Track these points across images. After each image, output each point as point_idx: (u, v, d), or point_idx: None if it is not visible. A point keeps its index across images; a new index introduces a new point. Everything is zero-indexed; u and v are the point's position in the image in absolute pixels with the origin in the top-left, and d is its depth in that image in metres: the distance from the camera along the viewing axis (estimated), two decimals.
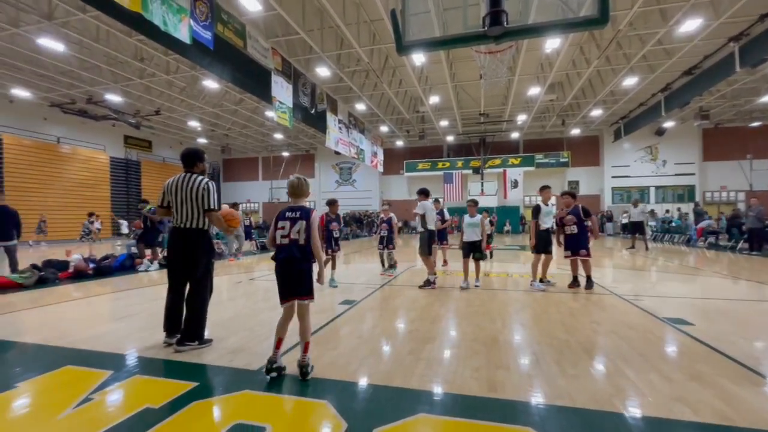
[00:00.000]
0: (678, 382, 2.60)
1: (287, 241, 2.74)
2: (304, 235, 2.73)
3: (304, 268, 2.73)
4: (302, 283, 2.71)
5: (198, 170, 3.51)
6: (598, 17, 2.95)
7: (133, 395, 2.48)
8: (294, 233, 2.73)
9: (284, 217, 2.80)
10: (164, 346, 3.39)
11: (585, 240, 5.97)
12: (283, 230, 2.77)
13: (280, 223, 2.79)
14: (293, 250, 2.72)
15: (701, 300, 5.29)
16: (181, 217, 3.37)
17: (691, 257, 10.80)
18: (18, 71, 14.16)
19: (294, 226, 2.75)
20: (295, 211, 2.79)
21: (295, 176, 2.96)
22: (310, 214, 2.79)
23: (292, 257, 2.72)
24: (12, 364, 3.11)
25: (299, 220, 2.75)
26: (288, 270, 2.73)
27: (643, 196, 23.75)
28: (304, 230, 2.74)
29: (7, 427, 2.13)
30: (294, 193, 2.93)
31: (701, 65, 13.87)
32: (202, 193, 3.34)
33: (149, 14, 6.36)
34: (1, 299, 5.53)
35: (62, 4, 9.92)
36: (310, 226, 2.75)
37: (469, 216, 6.18)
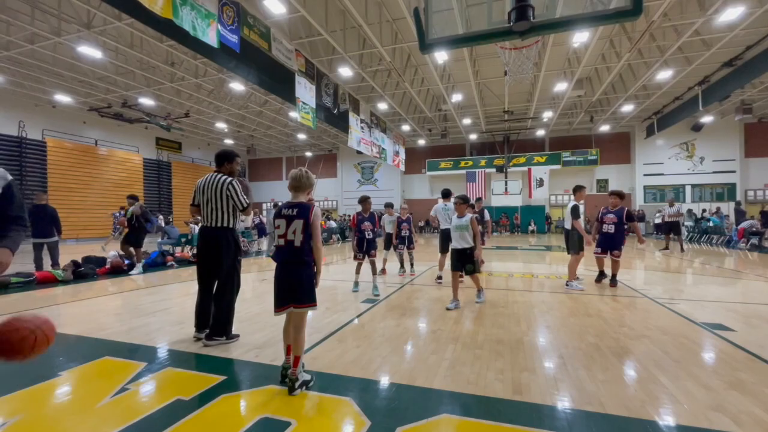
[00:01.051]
0: (717, 390, 2.47)
1: (283, 242, 2.51)
2: (300, 236, 2.47)
3: (302, 273, 2.49)
4: (299, 288, 2.49)
5: (225, 170, 3.58)
6: (630, 8, 2.83)
7: (166, 387, 2.58)
8: (290, 233, 2.48)
9: (280, 215, 2.55)
10: (194, 340, 3.52)
11: (620, 241, 6.05)
12: (279, 230, 2.53)
13: (276, 221, 2.55)
14: (289, 252, 2.49)
15: (742, 305, 4.99)
16: (206, 217, 3.49)
17: (731, 259, 10.21)
18: (60, 78, 15.02)
19: (290, 225, 2.49)
20: (292, 208, 2.53)
21: (299, 168, 2.69)
22: (310, 211, 2.51)
23: (288, 261, 2.51)
24: (55, 354, 3.30)
25: (296, 219, 2.49)
26: (284, 275, 2.51)
27: (678, 194, 22.63)
28: (302, 230, 2.48)
29: (52, 413, 2.27)
30: (294, 186, 2.64)
31: (743, 56, 13.06)
32: (227, 193, 3.42)
33: (179, 20, 6.60)
34: (44, 293, 5.89)
35: (100, 13, 10.45)
36: (309, 225, 2.49)
37: (457, 216, 4.92)
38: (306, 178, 2.64)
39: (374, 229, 5.92)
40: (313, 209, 2.53)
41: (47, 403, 2.39)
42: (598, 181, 24.37)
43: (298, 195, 2.63)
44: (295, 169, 2.65)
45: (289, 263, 2.51)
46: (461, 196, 4.99)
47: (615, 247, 6.04)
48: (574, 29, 9.87)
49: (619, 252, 6.02)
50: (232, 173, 3.62)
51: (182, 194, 24.64)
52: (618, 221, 6.08)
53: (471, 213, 5.08)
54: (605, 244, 6.16)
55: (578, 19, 3.16)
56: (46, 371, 2.83)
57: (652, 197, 23.20)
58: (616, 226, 6.09)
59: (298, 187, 2.63)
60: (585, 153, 23.91)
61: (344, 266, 9.27)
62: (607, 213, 6.25)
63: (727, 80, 13.95)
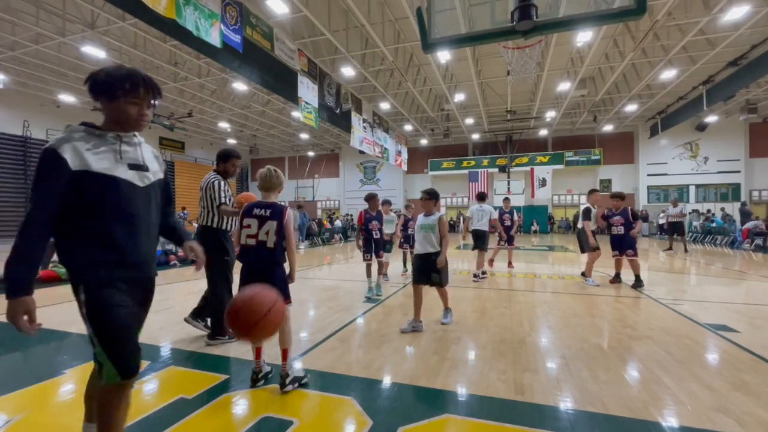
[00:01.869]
0: (720, 391, 2.46)
1: (254, 242, 2.46)
2: (274, 238, 2.43)
3: (275, 273, 2.48)
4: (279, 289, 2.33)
5: (220, 169, 3.57)
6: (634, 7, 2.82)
7: (168, 385, 2.59)
8: (262, 234, 2.44)
9: (251, 214, 2.49)
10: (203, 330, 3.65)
11: (631, 241, 6.12)
12: (249, 229, 2.48)
13: (246, 221, 2.49)
14: (261, 253, 2.46)
15: (747, 306, 4.96)
16: (198, 215, 3.55)
17: (735, 260, 10.15)
18: (64, 78, 15.10)
19: (263, 226, 2.45)
20: (265, 209, 2.48)
21: (267, 167, 2.64)
22: (284, 213, 2.48)
23: (260, 261, 2.47)
24: (60, 352, 3.33)
25: (269, 220, 2.45)
26: (257, 276, 2.44)
27: (682, 195, 22.50)
28: (275, 232, 2.43)
29: (55, 411, 2.28)
30: (263, 185, 2.61)
31: (748, 55, 12.96)
32: (208, 191, 3.40)
33: (183, 20, 6.62)
34: (50, 291, 5.93)
35: (104, 13, 10.50)
36: (283, 227, 2.46)
37: (424, 215, 4.08)
38: (276, 177, 2.62)
39: (381, 228, 5.69)
40: (287, 211, 2.51)
41: (50, 401, 2.41)
42: (602, 181, 24.26)
43: (268, 195, 2.61)
44: (264, 169, 2.61)
45: (262, 264, 2.48)
46: (428, 190, 4.05)
47: (628, 246, 6.10)
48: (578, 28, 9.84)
49: (633, 251, 6.06)
50: (225, 173, 3.58)
51: (185, 194, 24.72)
52: (626, 222, 6.19)
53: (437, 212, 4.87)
54: (618, 246, 6.25)
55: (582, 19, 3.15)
56: (49, 370, 2.85)
57: (656, 197, 23.08)
58: (624, 227, 6.20)
59: (269, 187, 2.61)
60: (588, 153, 23.82)
61: (346, 266, 9.28)
62: (613, 215, 6.32)
63: (732, 80, 13.86)
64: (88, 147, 1.43)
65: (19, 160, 16.81)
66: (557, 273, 7.89)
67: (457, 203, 27.24)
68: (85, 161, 1.40)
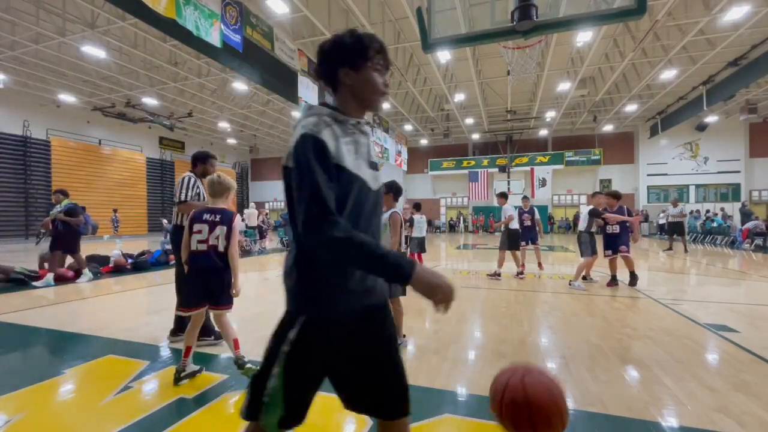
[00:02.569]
0: (720, 391, 2.46)
1: (205, 247, 2.54)
2: (225, 242, 2.55)
3: (224, 277, 2.59)
4: (222, 291, 2.60)
5: (199, 171, 3.51)
6: (634, 7, 2.82)
7: (168, 385, 2.59)
8: (213, 239, 2.54)
9: (201, 220, 2.57)
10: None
11: (626, 239, 6.19)
12: (200, 234, 2.55)
13: (196, 226, 2.56)
14: (213, 257, 2.55)
15: (747, 306, 4.96)
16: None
17: (735, 260, 10.15)
18: (64, 78, 15.09)
19: (213, 231, 2.54)
20: (214, 214, 2.58)
21: (216, 174, 2.73)
22: (233, 218, 2.61)
23: (213, 265, 2.55)
24: (60, 351, 3.33)
25: (219, 225, 2.55)
26: (207, 278, 2.56)
27: (682, 195, 22.50)
28: (225, 236, 2.55)
29: (56, 411, 2.28)
30: (210, 192, 2.69)
31: (748, 55, 12.96)
32: (175, 188, 3.39)
33: (183, 20, 6.62)
34: (50, 291, 5.92)
35: (104, 13, 10.49)
36: (231, 232, 2.58)
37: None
38: (218, 184, 2.67)
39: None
40: (236, 217, 2.63)
41: (51, 400, 2.41)
42: (602, 181, 24.27)
43: (217, 201, 2.67)
44: (213, 175, 2.69)
45: (214, 268, 2.56)
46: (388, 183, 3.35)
47: (623, 243, 6.15)
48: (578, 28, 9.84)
49: (626, 248, 6.13)
50: (205, 174, 3.49)
51: None
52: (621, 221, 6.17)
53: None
54: (613, 245, 6.22)
55: (582, 19, 3.15)
56: (49, 369, 2.85)
57: (656, 197, 23.08)
58: (620, 225, 6.18)
59: (216, 193, 2.68)
60: (588, 153, 23.83)
61: None
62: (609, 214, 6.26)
63: (732, 80, 13.87)
64: (339, 135, 1.10)
65: (19, 159, 16.80)
66: (557, 273, 7.88)
67: (457, 203, 27.24)
68: (340, 154, 1.07)
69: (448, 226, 26.55)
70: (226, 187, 2.72)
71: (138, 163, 22.14)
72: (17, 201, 16.60)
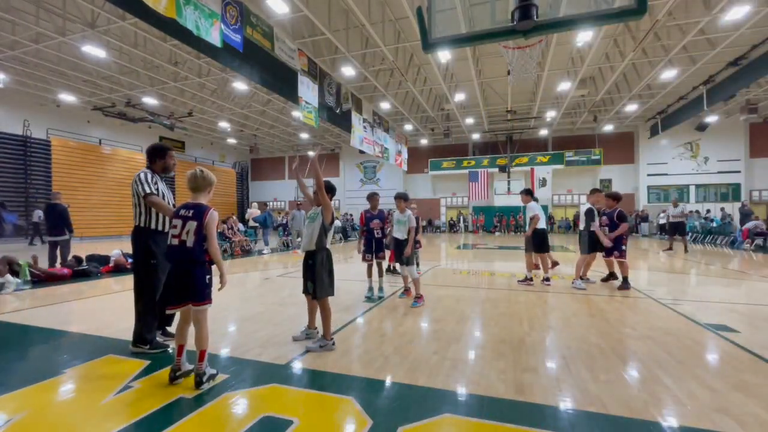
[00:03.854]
0: (721, 391, 2.46)
1: (177, 242, 2.52)
2: (193, 237, 2.49)
3: (195, 272, 2.52)
4: (194, 287, 2.51)
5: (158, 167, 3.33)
6: (635, 7, 2.81)
7: (169, 385, 2.59)
8: (184, 234, 2.51)
9: (178, 215, 2.57)
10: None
11: (618, 242, 6.00)
12: (175, 229, 2.54)
13: (173, 221, 2.57)
14: (182, 252, 2.51)
15: (747, 306, 4.96)
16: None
17: (735, 260, 10.15)
18: (64, 77, 15.09)
19: (185, 226, 2.52)
20: (189, 209, 2.56)
21: (198, 168, 2.70)
22: (204, 213, 2.53)
23: (182, 260, 2.53)
24: (60, 351, 3.33)
25: (190, 220, 2.52)
26: (178, 274, 2.53)
27: (683, 195, 22.50)
28: (194, 232, 2.49)
29: (56, 410, 2.28)
30: (190, 186, 2.68)
31: (748, 55, 12.94)
32: (133, 186, 3.19)
33: (183, 20, 6.61)
34: (50, 291, 5.93)
35: (104, 13, 10.49)
36: (203, 227, 2.50)
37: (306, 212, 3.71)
38: (201, 178, 2.67)
39: (383, 228, 5.61)
40: (209, 212, 2.54)
41: (51, 400, 2.41)
42: (602, 181, 24.25)
43: (197, 196, 2.67)
44: (192, 170, 2.68)
45: (183, 263, 2.53)
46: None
47: (614, 248, 6.01)
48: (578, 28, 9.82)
49: (619, 252, 5.98)
50: (166, 169, 3.33)
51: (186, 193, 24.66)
52: (610, 223, 6.12)
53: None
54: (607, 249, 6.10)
55: (582, 18, 3.15)
56: (49, 369, 2.85)
57: (656, 197, 23.07)
58: (608, 228, 6.12)
59: (195, 188, 2.67)
60: (588, 153, 23.81)
61: (346, 266, 9.28)
62: (602, 215, 6.27)
63: (733, 80, 13.84)
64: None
65: (20, 159, 16.80)
66: (557, 273, 7.88)
67: (457, 203, 27.24)
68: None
69: (448, 226, 26.55)
70: (209, 182, 2.70)
71: (138, 163, 22.09)
72: (17, 201, 16.60)
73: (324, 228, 3.26)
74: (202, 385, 2.49)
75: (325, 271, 3.24)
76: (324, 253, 3.28)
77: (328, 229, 3.29)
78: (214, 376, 2.60)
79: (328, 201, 3.27)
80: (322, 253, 3.27)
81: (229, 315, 4.48)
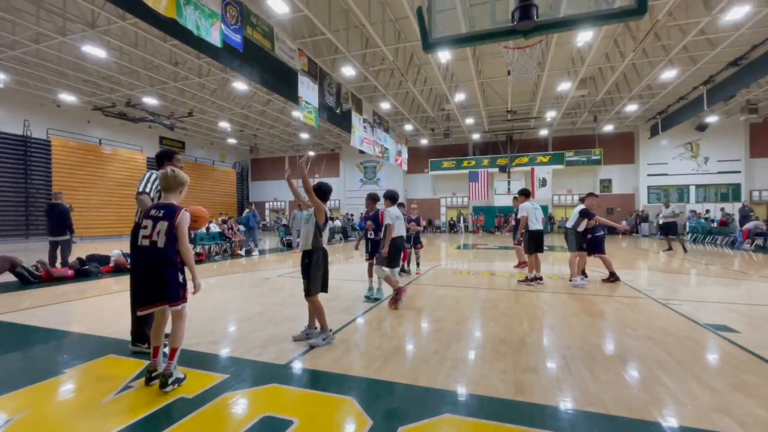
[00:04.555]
0: (721, 392, 2.46)
1: (147, 242, 2.47)
2: (164, 238, 2.44)
3: (166, 273, 2.46)
4: (168, 288, 2.47)
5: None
6: (635, 8, 2.81)
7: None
8: (155, 234, 2.46)
9: (148, 215, 2.53)
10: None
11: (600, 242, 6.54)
12: (145, 230, 2.49)
13: (144, 222, 2.52)
14: (153, 253, 2.46)
15: (747, 306, 4.96)
16: None
17: (735, 260, 10.15)
18: (64, 77, 15.09)
19: (156, 226, 2.47)
20: (160, 209, 2.52)
21: (170, 167, 2.67)
22: (176, 213, 2.48)
23: (152, 260, 2.48)
24: (60, 351, 3.33)
25: (161, 220, 2.47)
26: (150, 275, 2.48)
27: (683, 195, 22.51)
28: (165, 232, 2.44)
29: (57, 410, 2.28)
30: (162, 186, 2.65)
31: (749, 55, 12.95)
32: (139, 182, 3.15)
33: (183, 20, 6.62)
34: (50, 291, 5.93)
35: (104, 13, 10.49)
36: (174, 228, 2.46)
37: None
38: (173, 178, 2.62)
39: (375, 229, 5.54)
40: (180, 212, 2.50)
41: (52, 400, 2.41)
42: (602, 181, 24.27)
43: (168, 196, 2.63)
44: (164, 169, 2.62)
45: (153, 263, 2.48)
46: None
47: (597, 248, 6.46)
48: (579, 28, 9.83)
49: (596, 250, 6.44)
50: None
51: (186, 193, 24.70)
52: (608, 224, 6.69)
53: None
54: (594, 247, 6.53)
55: (582, 19, 3.15)
56: (49, 369, 2.85)
57: (656, 197, 23.07)
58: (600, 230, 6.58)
59: (167, 188, 2.63)
60: (588, 153, 23.81)
61: (346, 266, 9.28)
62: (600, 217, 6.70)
63: (733, 80, 13.85)
64: None
65: (20, 159, 16.81)
66: (557, 273, 7.88)
67: (457, 203, 27.24)
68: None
69: (448, 226, 26.55)
70: (180, 181, 2.66)
71: (138, 163, 22.12)
72: (17, 201, 16.61)
73: (318, 228, 3.41)
74: (167, 387, 2.42)
75: (319, 270, 3.39)
76: (320, 252, 3.41)
77: (322, 230, 3.44)
78: (181, 381, 2.53)
79: (319, 202, 3.38)
80: (318, 252, 3.40)
81: (229, 315, 4.49)
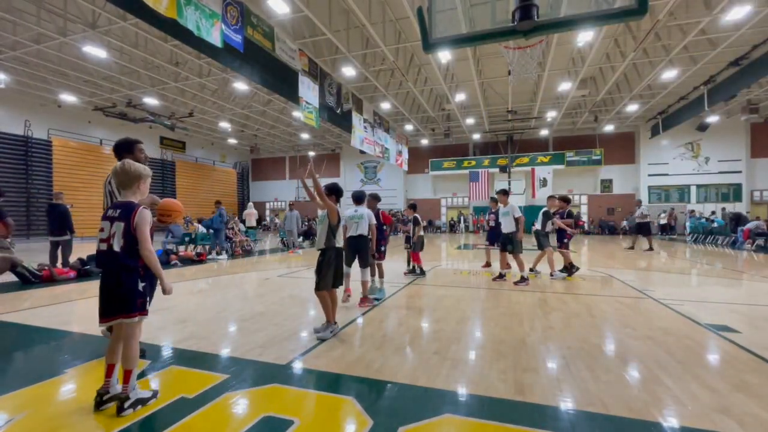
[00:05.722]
0: (721, 392, 2.45)
1: (105, 246, 2.19)
2: (121, 241, 2.17)
3: (124, 280, 2.19)
4: (122, 296, 2.19)
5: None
6: (635, 8, 2.81)
7: (170, 384, 2.59)
8: (112, 237, 2.19)
9: (105, 216, 2.25)
10: None
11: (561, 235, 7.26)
12: (102, 233, 2.21)
13: (101, 224, 2.24)
14: (108, 257, 2.19)
15: (748, 306, 4.95)
16: None
17: (736, 260, 10.13)
18: (65, 77, 15.11)
19: (112, 227, 2.19)
20: (116, 209, 2.23)
21: (122, 161, 2.33)
22: (132, 212, 2.20)
23: (109, 266, 2.21)
24: (61, 351, 3.33)
25: (117, 221, 2.19)
26: (106, 282, 2.22)
27: (683, 195, 22.50)
28: (122, 234, 2.17)
29: (57, 410, 2.29)
30: (117, 182, 2.34)
31: (749, 55, 12.93)
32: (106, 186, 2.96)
33: (184, 20, 6.62)
34: (50, 291, 5.94)
35: (105, 13, 10.50)
36: (133, 228, 2.18)
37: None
38: (124, 173, 2.29)
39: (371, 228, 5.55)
40: (138, 211, 2.21)
41: (52, 400, 2.41)
42: (602, 181, 24.24)
43: (126, 193, 2.32)
44: (118, 163, 2.31)
45: (110, 270, 2.22)
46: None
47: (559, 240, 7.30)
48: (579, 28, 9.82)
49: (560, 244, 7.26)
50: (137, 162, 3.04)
51: (186, 193, 24.75)
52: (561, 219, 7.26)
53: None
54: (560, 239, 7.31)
55: (583, 19, 3.14)
56: (49, 369, 2.85)
57: (657, 197, 23.06)
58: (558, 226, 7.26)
59: (120, 184, 2.32)
60: (589, 153, 23.79)
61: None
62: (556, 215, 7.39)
63: (733, 80, 13.82)
64: None
65: (21, 159, 16.83)
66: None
67: (458, 203, 27.23)
68: None
69: (448, 226, 26.54)
70: (134, 176, 2.30)
71: None
72: (18, 201, 16.62)
73: (331, 228, 3.65)
74: (123, 411, 2.14)
75: (330, 267, 3.60)
76: (332, 251, 3.65)
77: (335, 230, 3.66)
78: (144, 401, 2.25)
79: (330, 204, 3.58)
80: (331, 251, 3.65)
81: (229, 315, 4.49)
